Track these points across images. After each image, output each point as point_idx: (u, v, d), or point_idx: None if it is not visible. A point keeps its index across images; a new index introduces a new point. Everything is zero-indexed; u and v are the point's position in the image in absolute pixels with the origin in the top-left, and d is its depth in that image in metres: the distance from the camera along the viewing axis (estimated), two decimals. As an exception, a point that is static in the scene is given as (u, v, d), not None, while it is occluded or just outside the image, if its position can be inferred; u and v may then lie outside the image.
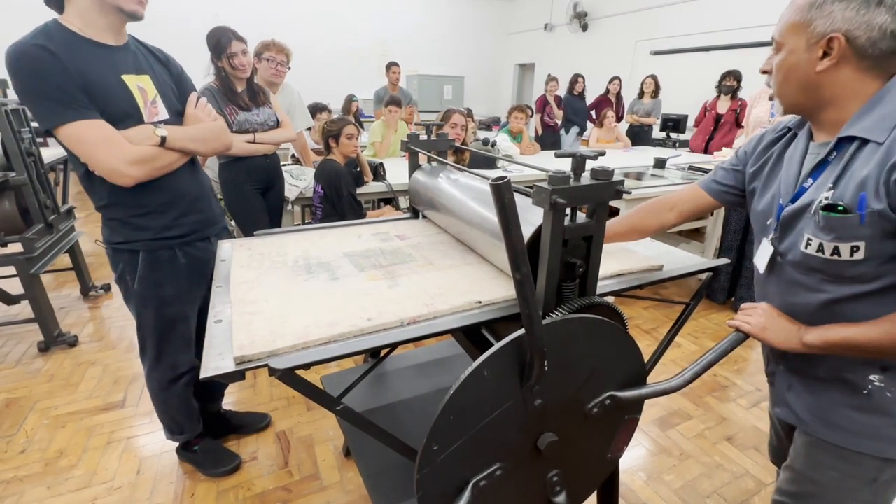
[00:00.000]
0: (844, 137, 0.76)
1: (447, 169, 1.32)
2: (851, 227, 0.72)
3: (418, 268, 1.03)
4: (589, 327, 0.81)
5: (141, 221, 1.20)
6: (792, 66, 0.78)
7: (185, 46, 2.20)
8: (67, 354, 2.36)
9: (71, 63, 1.00)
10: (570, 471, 0.91)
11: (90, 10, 1.05)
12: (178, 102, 1.24)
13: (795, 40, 0.76)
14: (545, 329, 0.73)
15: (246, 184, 2.10)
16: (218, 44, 1.87)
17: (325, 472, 1.69)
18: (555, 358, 0.77)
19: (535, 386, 0.77)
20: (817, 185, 0.78)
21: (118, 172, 1.07)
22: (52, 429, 1.85)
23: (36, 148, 2.39)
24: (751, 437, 1.90)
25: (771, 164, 0.93)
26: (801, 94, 0.79)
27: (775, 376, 0.98)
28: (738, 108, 4.04)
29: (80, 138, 1.02)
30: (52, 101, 0.99)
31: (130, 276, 1.26)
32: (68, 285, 3.12)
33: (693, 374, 0.83)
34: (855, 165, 0.73)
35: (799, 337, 0.80)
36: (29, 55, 0.97)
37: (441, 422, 0.70)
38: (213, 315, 0.83)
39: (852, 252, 0.73)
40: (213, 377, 0.65)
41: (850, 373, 0.82)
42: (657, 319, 2.86)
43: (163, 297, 1.30)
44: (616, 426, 0.95)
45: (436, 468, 0.72)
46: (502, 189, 0.60)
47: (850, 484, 0.86)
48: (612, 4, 7.04)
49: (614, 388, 0.89)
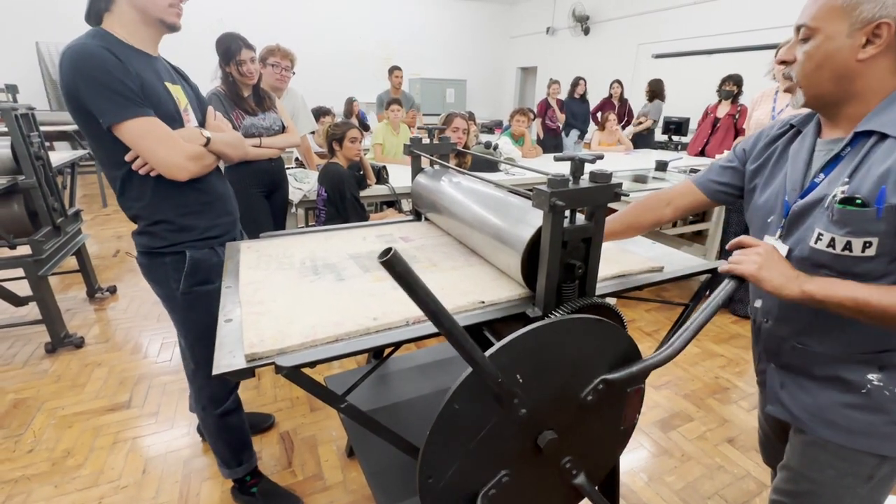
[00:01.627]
0: (861, 132, 0.75)
1: (449, 172, 1.35)
2: (867, 221, 0.71)
3: (422, 269, 1.05)
4: (558, 330, 0.79)
5: (186, 221, 1.23)
6: (829, 53, 0.74)
7: (191, 52, 2.24)
8: (74, 355, 2.39)
9: (128, 65, 1.06)
10: (582, 453, 0.90)
11: (133, 22, 1.11)
12: (200, 114, 1.31)
13: (835, 25, 0.72)
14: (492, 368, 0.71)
15: (251, 187, 2.13)
16: (227, 50, 1.90)
17: (328, 472, 1.71)
18: (531, 365, 0.76)
19: (515, 400, 0.76)
20: (830, 180, 0.77)
21: (178, 166, 1.12)
22: (59, 429, 1.88)
23: (44, 152, 2.42)
24: (752, 439, 1.91)
25: (773, 162, 0.92)
26: (833, 83, 0.76)
27: (766, 374, 0.98)
28: (737, 113, 4.03)
29: (145, 133, 1.07)
30: (121, 96, 1.03)
31: (175, 281, 1.25)
32: (75, 287, 3.16)
33: (683, 340, 0.76)
34: (872, 159, 0.72)
35: (798, 283, 0.74)
36: (96, 54, 1.01)
37: (429, 454, 0.71)
38: (224, 315, 0.85)
39: (864, 248, 0.73)
40: (225, 374, 0.67)
41: (848, 372, 0.82)
42: (659, 322, 2.87)
43: (211, 293, 1.28)
44: (621, 401, 0.93)
45: (438, 496, 0.73)
46: (392, 262, 0.57)
47: (847, 481, 0.86)
48: (614, 8, 7.07)
49: (605, 372, 0.86)
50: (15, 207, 2.30)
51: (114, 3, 1.09)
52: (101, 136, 1.08)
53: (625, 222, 1.13)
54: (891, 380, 0.80)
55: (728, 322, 2.90)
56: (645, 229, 1.14)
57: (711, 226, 3.49)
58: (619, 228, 1.13)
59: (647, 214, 1.11)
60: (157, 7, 1.10)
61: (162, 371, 2.28)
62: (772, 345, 0.93)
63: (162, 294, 1.29)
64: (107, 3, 1.09)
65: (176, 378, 2.20)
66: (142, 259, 1.26)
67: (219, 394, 1.41)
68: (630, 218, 1.13)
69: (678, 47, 6.14)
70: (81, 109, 1.05)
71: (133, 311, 2.90)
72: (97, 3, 1.10)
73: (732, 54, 5.42)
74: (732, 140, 4.10)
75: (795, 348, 0.88)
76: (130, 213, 1.22)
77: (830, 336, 0.83)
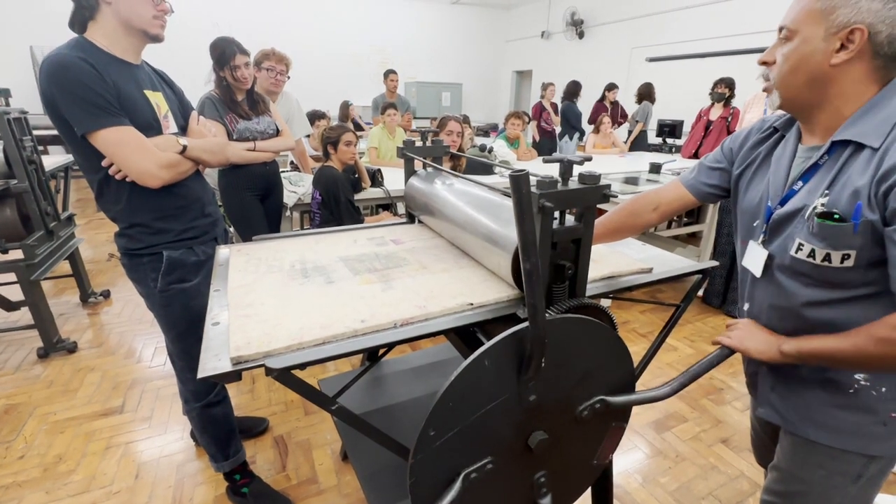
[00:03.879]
0: (838, 141, 0.74)
1: (442, 174, 1.35)
2: (845, 235, 0.71)
3: (412, 271, 1.06)
4: (584, 328, 0.83)
5: (162, 224, 1.26)
6: (804, 56, 0.74)
7: (185, 55, 2.24)
8: (67, 360, 2.38)
9: (106, 75, 1.09)
10: (556, 473, 0.93)
11: (116, 32, 1.14)
12: (181, 119, 1.35)
13: (812, 28, 0.72)
14: (545, 324, 0.74)
15: (245, 190, 2.13)
16: (223, 55, 1.90)
17: (322, 475, 1.70)
18: (551, 355, 0.79)
19: (532, 381, 0.79)
20: (809, 190, 0.78)
21: (150, 174, 1.15)
22: (50, 434, 1.86)
23: (37, 156, 2.42)
24: (746, 440, 1.91)
25: (757, 165, 0.92)
26: (807, 87, 0.76)
27: (757, 377, 0.99)
28: (730, 116, 4.06)
29: (119, 142, 1.10)
30: (96, 107, 1.06)
31: (153, 279, 1.29)
32: (68, 292, 3.14)
33: (679, 384, 0.86)
34: (850, 171, 0.72)
35: (777, 346, 0.82)
36: (74, 64, 1.04)
37: (440, 408, 0.72)
38: (211, 318, 0.85)
39: (843, 259, 0.73)
40: (210, 377, 0.67)
41: (836, 372, 0.83)
42: (653, 323, 2.88)
43: (188, 291, 1.33)
44: (603, 433, 0.97)
45: (430, 454, 0.74)
46: (520, 181, 0.64)
47: (836, 481, 0.87)
48: (608, 12, 7.12)
49: (605, 392, 0.90)
50: (7, 212, 2.29)
51: (98, 12, 1.12)
52: (79, 142, 1.11)
53: (611, 228, 1.12)
54: (878, 380, 0.80)
55: (722, 323, 2.91)
56: (632, 233, 1.14)
57: (705, 227, 3.50)
58: (606, 233, 1.13)
59: (634, 220, 1.10)
60: (142, 19, 1.14)
61: (156, 375, 2.27)
62: None
63: (142, 292, 1.34)
64: (91, 13, 1.12)
65: (169, 382, 2.19)
66: (123, 259, 1.30)
67: (201, 388, 1.45)
68: (616, 224, 1.12)
69: (671, 51, 6.19)
70: (59, 117, 1.08)
71: (127, 315, 2.88)
72: (81, 11, 1.12)
73: (725, 58, 5.47)
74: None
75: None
76: (109, 215, 1.26)
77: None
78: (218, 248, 1.26)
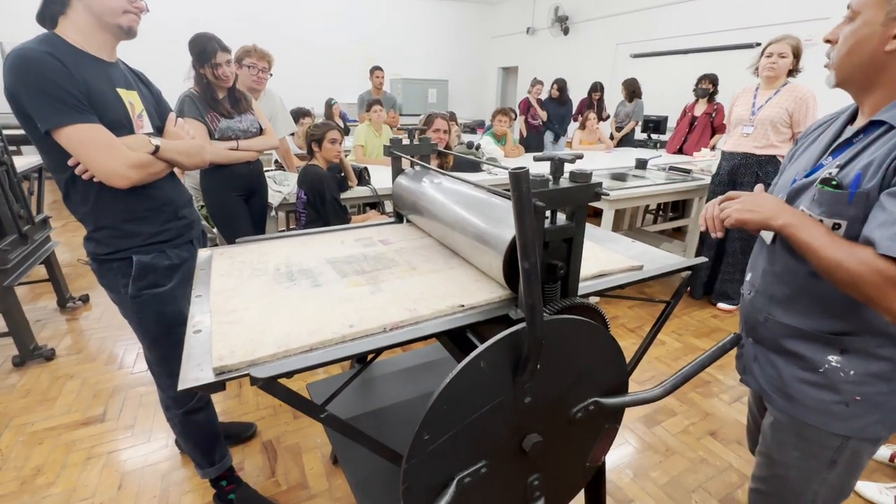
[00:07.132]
0: (875, 121, 0.76)
1: (430, 173, 1.33)
2: (839, 203, 0.74)
3: (401, 273, 1.03)
4: (578, 328, 0.82)
5: (131, 227, 1.22)
6: (861, 39, 0.74)
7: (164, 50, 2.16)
8: (44, 368, 2.30)
9: (75, 71, 1.04)
10: (550, 476, 0.92)
11: (89, 27, 1.10)
12: (158, 119, 1.30)
13: (874, 11, 0.73)
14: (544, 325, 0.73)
15: (228, 190, 2.08)
16: (203, 52, 1.84)
17: (312, 480, 1.67)
18: (546, 356, 0.78)
19: (527, 383, 0.78)
20: (835, 164, 0.79)
21: (117, 174, 1.10)
22: (28, 445, 1.80)
23: (8, 157, 2.32)
24: (733, 431, 1.94)
25: (805, 146, 0.93)
26: (860, 70, 0.77)
27: (744, 348, 1.03)
28: (714, 112, 4.11)
29: (84, 140, 1.05)
30: (60, 102, 1.01)
31: (124, 285, 1.24)
32: (45, 297, 3.04)
33: (673, 384, 0.85)
34: (873, 147, 0.74)
35: (783, 214, 0.78)
36: (39, 59, 1.00)
37: (435, 411, 0.70)
38: (192, 325, 0.81)
39: (833, 228, 0.75)
40: (191, 388, 0.64)
41: (810, 350, 0.86)
42: (641, 318, 2.90)
43: (160, 296, 1.28)
44: (596, 435, 0.96)
45: (424, 459, 0.72)
46: (520, 179, 0.62)
47: (811, 464, 0.90)
48: (593, 8, 7.13)
49: (598, 394, 0.90)
50: (-23, 215, 2.20)
51: (69, 6, 1.07)
52: (43, 140, 1.07)
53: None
54: (850, 363, 0.83)
55: (708, 317, 2.95)
56: None
57: (691, 222, 3.55)
58: None
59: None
60: (112, 12, 1.09)
61: (138, 382, 2.21)
62: (750, 318, 0.98)
63: (114, 298, 1.29)
64: (62, 7, 1.07)
65: (152, 389, 2.12)
66: (93, 265, 1.26)
67: (182, 394, 1.40)
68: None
69: (656, 47, 6.23)
70: (23, 113, 1.04)
71: (107, 320, 2.80)
72: (51, 5, 1.08)
73: (709, 53, 5.52)
74: (709, 138, 4.17)
75: (767, 320, 0.92)
76: (77, 217, 1.22)
77: (795, 308, 0.87)
78: (200, 251, 1.22)
